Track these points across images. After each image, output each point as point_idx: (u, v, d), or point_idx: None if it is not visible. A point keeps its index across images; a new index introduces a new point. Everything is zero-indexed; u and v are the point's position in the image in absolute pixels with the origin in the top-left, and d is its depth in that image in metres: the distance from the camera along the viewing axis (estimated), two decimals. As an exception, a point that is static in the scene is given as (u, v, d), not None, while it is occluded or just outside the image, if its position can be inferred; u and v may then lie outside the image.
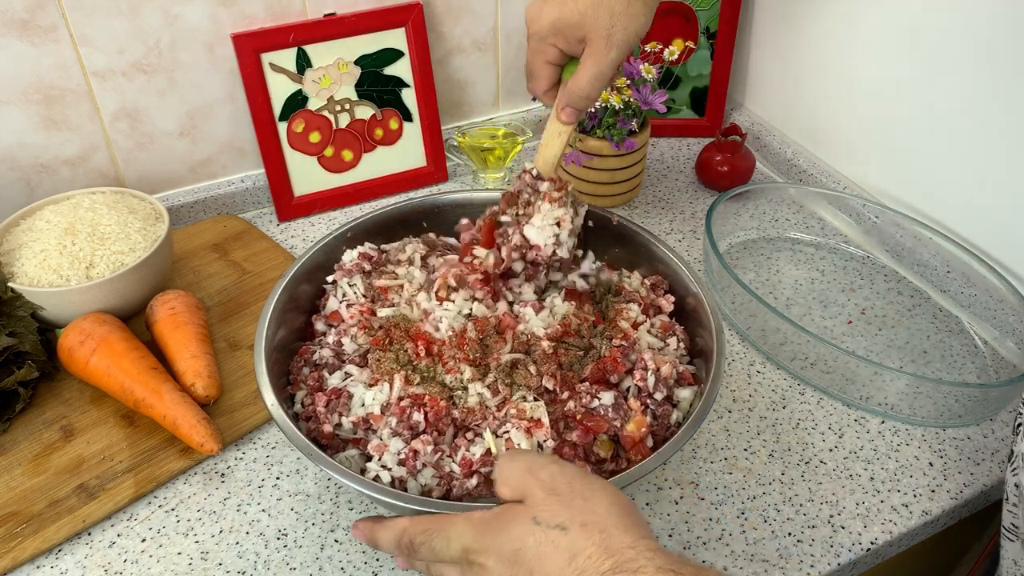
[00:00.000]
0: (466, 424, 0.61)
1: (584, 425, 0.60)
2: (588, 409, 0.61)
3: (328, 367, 0.66)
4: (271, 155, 0.97)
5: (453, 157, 1.06)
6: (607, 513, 0.46)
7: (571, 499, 0.46)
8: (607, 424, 0.60)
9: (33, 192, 0.91)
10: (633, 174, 0.99)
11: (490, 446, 0.58)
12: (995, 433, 0.75)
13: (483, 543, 0.47)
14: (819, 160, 1.05)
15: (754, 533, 0.66)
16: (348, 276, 0.71)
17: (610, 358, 0.64)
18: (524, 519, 0.46)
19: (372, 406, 0.62)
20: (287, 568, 0.63)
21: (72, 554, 0.64)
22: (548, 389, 0.62)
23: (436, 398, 0.61)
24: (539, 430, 0.59)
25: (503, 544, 0.46)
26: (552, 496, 0.47)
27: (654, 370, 0.63)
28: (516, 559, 0.45)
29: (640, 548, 0.44)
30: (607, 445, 0.61)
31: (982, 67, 0.80)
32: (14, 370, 0.72)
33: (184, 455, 0.70)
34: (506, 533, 0.46)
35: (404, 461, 0.58)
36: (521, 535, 0.46)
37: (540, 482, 0.47)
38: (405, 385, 0.62)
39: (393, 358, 0.64)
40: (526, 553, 0.45)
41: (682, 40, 1.06)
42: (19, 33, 0.82)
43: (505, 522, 0.47)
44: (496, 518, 0.47)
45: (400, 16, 0.97)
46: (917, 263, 0.91)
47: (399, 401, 0.61)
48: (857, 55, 0.95)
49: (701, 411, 0.59)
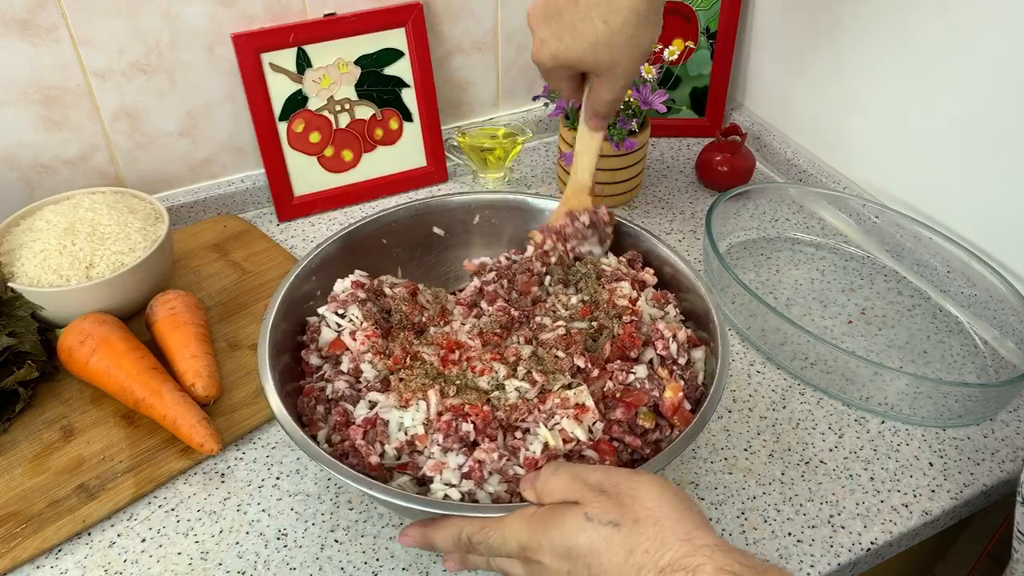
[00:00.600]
0: (512, 423, 0.61)
1: (624, 401, 0.62)
2: (625, 385, 0.63)
3: (347, 399, 0.64)
4: (271, 155, 0.97)
5: (453, 157, 1.06)
6: (657, 507, 0.45)
7: (620, 498, 0.46)
8: (646, 396, 0.62)
9: (33, 192, 0.91)
10: (633, 174, 0.99)
11: (547, 439, 0.58)
12: (995, 433, 0.75)
13: (537, 540, 0.47)
14: (819, 160, 1.05)
15: (754, 533, 0.66)
16: (343, 307, 0.69)
17: (626, 335, 0.66)
18: (576, 515, 0.46)
19: (414, 427, 0.60)
20: (287, 568, 0.63)
21: (72, 554, 0.64)
22: (580, 368, 0.64)
23: (476, 404, 0.60)
24: (586, 415, 0.60)
25: (555, 540, 0.46)
26: (602, 495, 0.47)
27: (672, 337, 0.65)
28: (570, 555, 0.46)
29: (696, 541, 0.43)
30: (649, 416, 0.62)
31: (982, 66, 0.80)
32: (14, 370, 0.72)
33: (184, 455, 0.70)
34: (558, 529, 0.46)
35: (469, 473, 0.57)
36: (573, 531, 0.46)
37: (588, 486, 0.48)
38: (441, 399, 0.61)
39: (422, 374, 0.63)
40: (579, 549, 0.45)
41: (682, 40, 1.06)
42: (19, 33, 0.82)
43: (557, 518, 0.47)
44: (549, 514, 0.47)
45: (400, 16, 0.97)
46: (917, 263, 0.91)
47: (439, 416, 0.60)
48: (857, 55, 0.95)
49: (708, 409, 0.60)
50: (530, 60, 1.09)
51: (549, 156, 1.12)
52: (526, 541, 0.48)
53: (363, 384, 0.65)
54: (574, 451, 0.59)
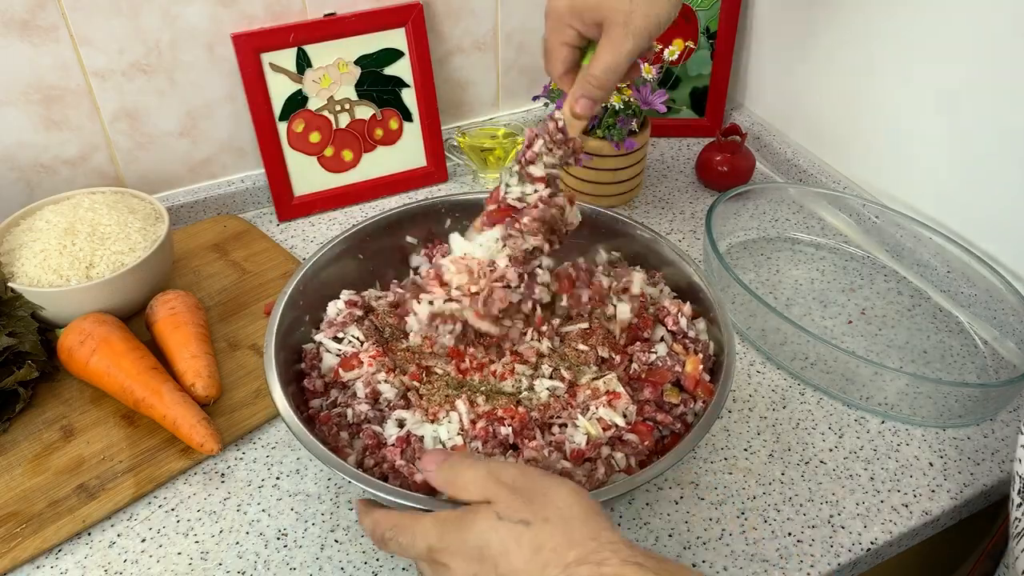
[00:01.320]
0: (546, 421, 0.62)
1: (651, 381, 0.64)
2: (648, 365, 0.65)
3: (372, 421, 0.63)
4: (271, 155, 0.97)
5: (453, 157, 1.06)
6: (568, 507, 0.46)
7: (533, 496, 0.46)
8: (669, 373, 0.65)
9: (33, 192, 0.91)
10: (633, 174, 0.99)
11: (589, 431, 0.60)
12: (995, 433, 0.75)
13: (446, 542, 0.47)
14: (819, 160, 1.05)
15: (754, 533, 0.66)
16: (341, 329, 0.68)
17: (644, 317, 0.68)
18: (487, 516, 0.46)
19: (452, 439, 0.60)
20: (287, 568, 0.63)
21: (72, 554, 0.64)
22: (604, 358, 0.66)
23: (510, 407, 0.61)
24: (619, 400, 0.62)
25: (467, 541, 0.46)
26: (515, 494, 0.47)
27: (679, 312, 0.68)
28: (481, 556, 0.45)
29: (602, 539, 0.44)
30: (674, 392, 0.65)
31: (981, 66, 0.80)
32: (14, 370, 0.72)
33: (184, 455, 0.70)
34: (469, 530, 0.46)
35: None
36: (485, 531, 0.46)
37: (503, 484, 0.48)
38: (471, 407, 0.61)
39: (444, 385, 0.63)
40: (491, 549, 0.45)
41: (682, 40, 1.06)
42: (19, 33, 0.82)
43: (469, 520, 0.47)
44: (460, 517, 0.47)
45: (400, 16, 0.97)
46: (917, 263, 0.91)
47: (474, 424, 0.60)
48: (857, 55, 0.95)
49: (716, 405, 0.60)
50: (530, 60, 1.10)
51: (549, 156, 1.12)
52: (435, 542, 0.47)
53: (383, 404, 0.64)
54: (614, 437, 0.60)
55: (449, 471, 0.50)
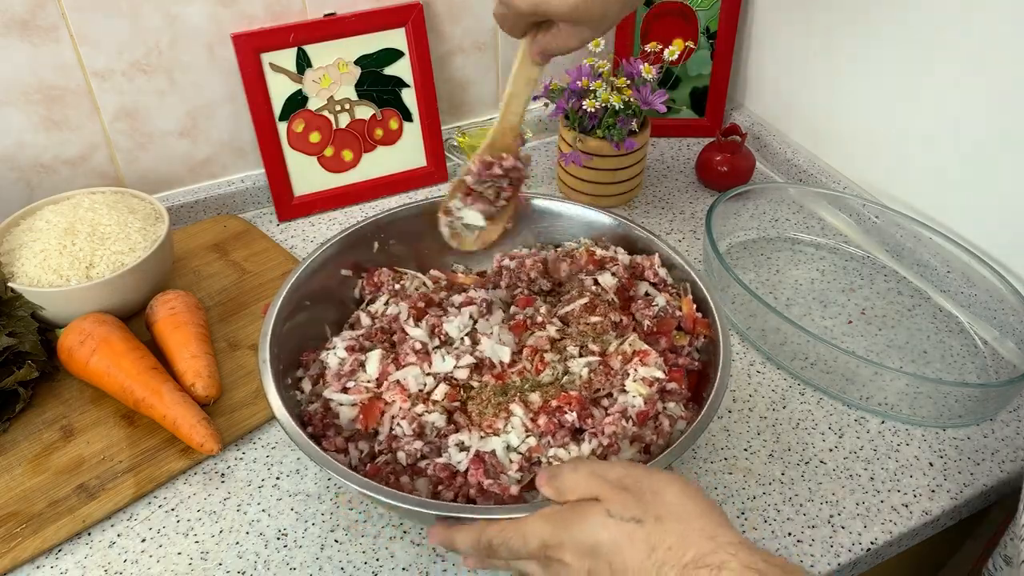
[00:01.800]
0: (595, 398, 0.63)
1: (662, 331, 0.69)
2: (655, 318, 0.70)
3: (427, 456, 0.61)
4: (271, 155, 0.97)
5: (453, 157, 1.06)
6: (680, 504, 0.45)
7: (642, 493, 0.46)
8: (672, 319, 0.70)
9: (33, 192, 0.91)
10: (633, 174, 0.99)
11: (640, 392, 0.63)
12: (995, 433, 0.75)
13: (559, 537, 0.46)
14: (819, 160, 1.05)
15: (754, 533, 0.66)
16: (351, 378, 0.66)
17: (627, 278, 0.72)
18: (598, 512, 0.46)
19: (524, 443, 0.60)
20: (287, 568, 0.63)
21: (72, 554, 0.64)
22: (617, 322, 0.69)
23: (564, 394, 0.62)
24: (649, 357, 0.65)
25: (579, 537, 0.46)
26: (623, 492, 0.46)
27: (651, 265, 0.73)
28: (594, 551, 0.45)
29: (720, 539, 0.43)
30: (681, 335, 0.69)
31: (981, 66, 0.80)
32: (14, 370, 0.72)
33: (184, 455, 0.70)
34: (580, 526, 0.46)
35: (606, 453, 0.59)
36: (596, 528, 0.45)
37: (608, 482, 0.47)
38: (526, 408, 0.62)
39: (490, 394, 0.63)
40: (603, 547, 0.45)
41: (682, 40, 1.06)
42: (19, 33, 0.82)
43: (579, 515, 0.46)
44: (571, 511, 0.47)
45: (400, 16, 0.97)
46: (917, 263, 0.91)
47: (535, 421, 0.60)
48: (857, 55, 0.95)
49: (711, 406, 0.60)
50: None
51: (549, 156, 1.12)
52: (548, 538, 0.47)
53: (430, 434, 0.62)
54: (661, 389, 0.64)
55: (554, 480, 0.50)
